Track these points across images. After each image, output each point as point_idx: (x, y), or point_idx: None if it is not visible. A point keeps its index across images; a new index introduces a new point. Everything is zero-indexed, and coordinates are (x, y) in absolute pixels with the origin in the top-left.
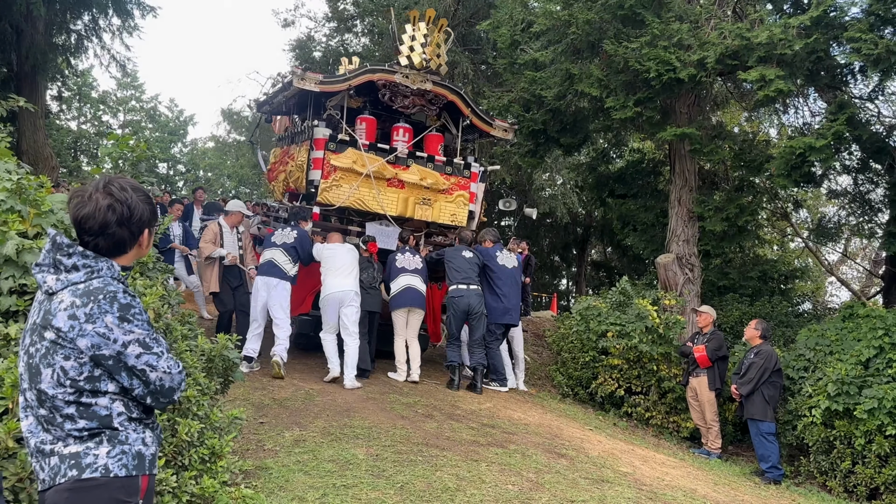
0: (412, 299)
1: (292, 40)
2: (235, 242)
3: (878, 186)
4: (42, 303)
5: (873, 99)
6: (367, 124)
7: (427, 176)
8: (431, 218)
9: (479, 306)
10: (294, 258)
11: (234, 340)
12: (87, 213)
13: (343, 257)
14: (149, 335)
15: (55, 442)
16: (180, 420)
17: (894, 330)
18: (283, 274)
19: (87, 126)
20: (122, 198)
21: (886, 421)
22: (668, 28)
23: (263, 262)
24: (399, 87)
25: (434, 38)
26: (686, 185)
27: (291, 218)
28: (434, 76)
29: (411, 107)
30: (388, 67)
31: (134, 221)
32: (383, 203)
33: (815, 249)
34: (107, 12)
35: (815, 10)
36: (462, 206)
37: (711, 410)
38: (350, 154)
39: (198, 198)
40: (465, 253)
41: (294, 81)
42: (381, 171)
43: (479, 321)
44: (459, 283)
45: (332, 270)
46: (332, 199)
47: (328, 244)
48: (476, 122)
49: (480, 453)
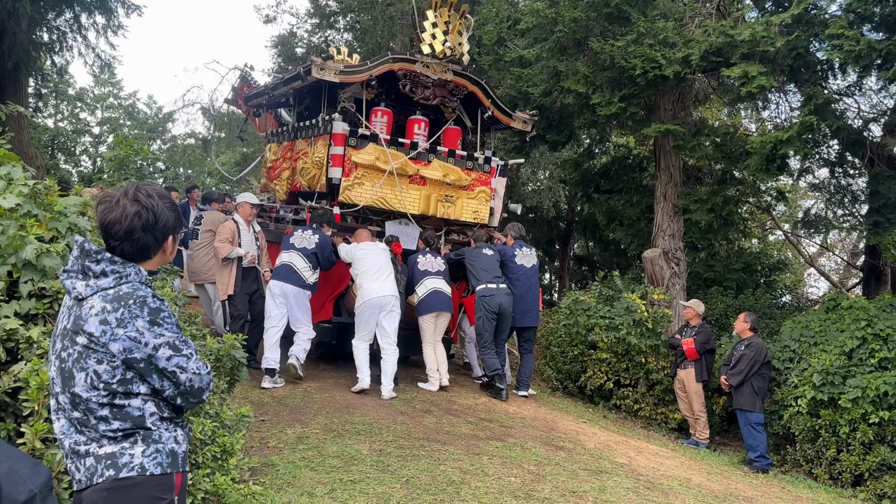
0: (440, 303)
1: (274, 36)
2: (253, 241)
3: (856, 178)
4: (71, 308)
5: (851, 94)
6: (387, 117)
7: (449, 172)
8: (454, 216)
9: (509, 307)
10: (314, 265)
11: (240, 339)
12: (113, 218)
13: (378, 258)
14: (178, 338)
15: (90, 443)
16: (194, 419)
17: (876, 321)
18: (303, 282)
19: (65, 123)
20: (148, 204)
21: (870, 409)
22: (654, 26)
23: (280, 266)
24: (420, 78)
25: (456, 25)
26: (671, 180)
27: (314, 220)
28: (455, 65)
29: (432, 98)
30: (410, 56)
31: (159, 228)
32: (405, 201)
33: (795, 242)
34: (90, 10)
35: (797, 7)
36: (484, 202)
37: (699, 402)
38: (372, 150)
39: (193, 198)
40: (486, 251)
41: (313, 71)
42: (404, 168)
43: (506, 322)
44: (489, 283)
45: (369, 273)
46: (355, 199)
47: (360, 244)
48: (496, 115)
49: (481, 447)
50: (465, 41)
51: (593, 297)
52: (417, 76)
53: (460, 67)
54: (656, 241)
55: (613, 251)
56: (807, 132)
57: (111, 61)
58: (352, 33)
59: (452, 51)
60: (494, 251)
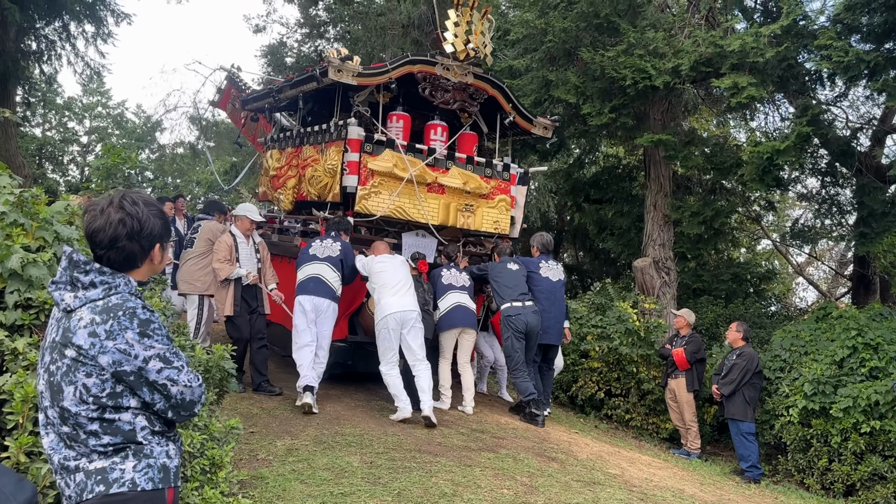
0: (463, 318)
1: (264, 46)
2: (252, 255)
3: (844, 188)
4: (60, 320)
5: (839, 104)
6: (403, 122)
7: (469, 180)
8: (474, 226)
9: (537, 325)
10: (341, 274)
11: (229, 350)
12: (98, 226)
13: (397, 271)
14: (169, 350)
15: (79, 458)
16: (182, 432)
17: (867, 330)
18: (333, 294)
19: (53, 133)
20: (132, 212)
21: (861, 419)
22: (644, 36)
23: (307, 279)
24: (439, 81)
25: (479, 26)
26: (661, 190)
27: (332, 228)
28: (476, 68)
29: (451, 102)
30: (430, 58)
31: (144, 235)
32: (424, 211)
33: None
34: (80, 19)
35: (786, 19)
36: (504, 211)
37: (690, 411)
38: (388, 156)
39: (178, 207)
40: (511, 265)
41: (330, 73)
42: (422, 176)
43: (534, 341)
44: (514, 301)
45: (387, 287)
46: (372, 208)
47: (377, 257)
48: (517, 120)
49: (473, 458)
50: (488, 42)
51: (585, 305)
52: (437, 79)
53: (481, 70)
54: (646, 250)
55: (603, 260)
56: (802, 143)
57: (100, 70)
58: (342, 43)
59: (476, 52)
60: (520, 265)
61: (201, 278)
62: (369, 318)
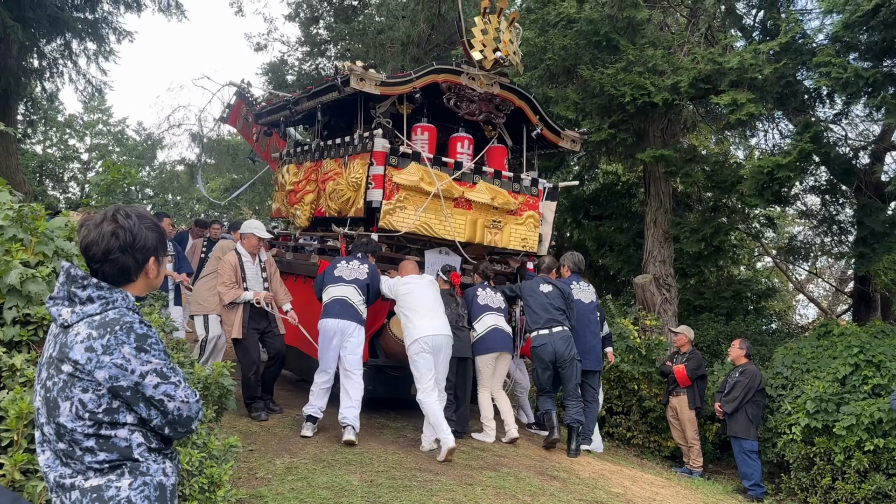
0: (501, 342)
1: (265, 64)
2: (259, 274)
3: (845, 207)
4: (57, 336)
5: (839, 122)
6: (428, 134)
7: (497, 195)
8: (502, 243)
9: (567, 352)
10: (367, 298)
11: (228, 367)
12: (91, 239)
13: (426, 293)
14: (166, 365)
15: (75, 476)
16: (181, 449)
17: (869, 347)
18: (360, 317)
19: (53, 150)
20: (125, 224)
21: (864, 437)
22: (643, 54)
23: (332, 302)
24: (465, 91)
25: (507, 34)
26: (661, 206)
27: (358, 249)
28: (502, 78)
29: (477, 113)
30: (455, 67)
31: (137, 248)
32: (451, 227)
33: (784, 268)
34: (82, 37)
35: (784, 36)
36: (532, 228)
37: (692, 429)
38: (414, 169)
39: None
40: (544, 287)
41: (352, 81)
42: (449, 190)
43: (570, 368)
44: (540, 329)
45: (418, 310)
46: (397, 224)
47: (403, 278)
48: (544, 132)
49: (474, 477)
50: (517, 49)
51: None
52: (462, 89)
53: (508, 80)
54: (647, 267)
55: (603, 277)
56: (804, 159)
57: (102, 87)
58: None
59: (505, 60)
60: (553, 287)
61: (209, 298)
62: (391, 341)
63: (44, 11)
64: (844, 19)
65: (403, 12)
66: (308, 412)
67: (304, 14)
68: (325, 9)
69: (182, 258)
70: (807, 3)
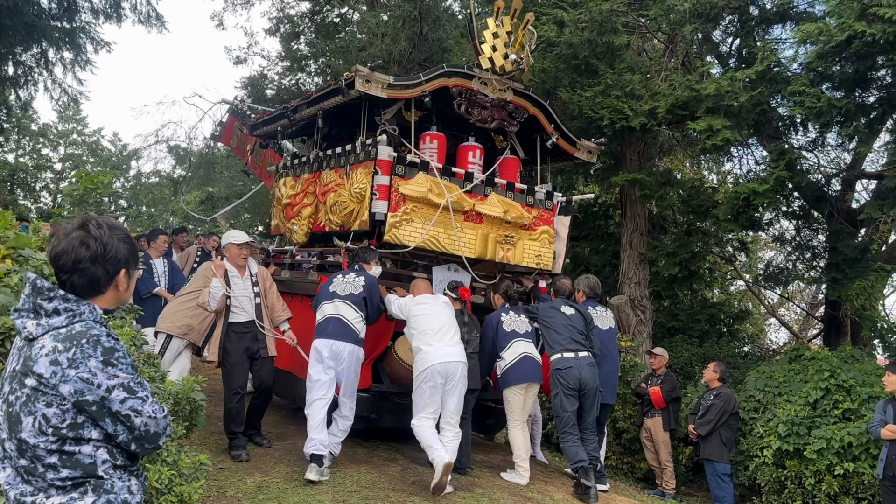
0: (532, 371)
1: (244, 77)
2: (250, 289)
3: (818, 233)
4: (21, 349)
5: (812, 150)
6: (438, 143)
7: (509, 208)
8: (514, 260)
9: (593, 380)
10: (365, 314)
11: (199, 381)
12: (61, 249)
13: (440, 314)
14: (133, 379)
15: (36, 493)
16: (150, 466)
17: (839, 372)
18: (356, 336)
19: (26, 159)
20: (96, 234)
21: (835, 461)
22: (621, 78)
23: (325, 321)
24: (477, 96)
25: (519, 37)
26: (637, 228)
27: (354, 261)
28: (516, 84)
29: (489, 120)
30: (467, 70)
31: (108, 259)
32: (460, 242)
33: (757, 292)
34: (58, 45)
35: (760, 64)
36: (547, 244)
37: (666, 451)
38: (422, 180)
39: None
40: (566, 309)
41: (357, 84)
42: (459, 203)
43: (592, 399)
44: (565, 351)
45: (429, 333)
46: (403, 238)
47: (416, 297)
48: (560, 142)
49: (448, 498)
50: (528, 55)
51: None
52: (474, 94)
53: (521, 86)
54: (622, 288)
55: None
56: (779, 187)
57: (77, 97)
58: (322, 77)
59: (519, 64)
60: (575, 310)
61: (181, 319)
62: (396, 365)
63: (20, 19)
64: (818, 50)
65: (385, 30)
66: (311, 450)
67: (284, 29)
68: (306, 25)
69: (177, 274)
70: (782, 33)
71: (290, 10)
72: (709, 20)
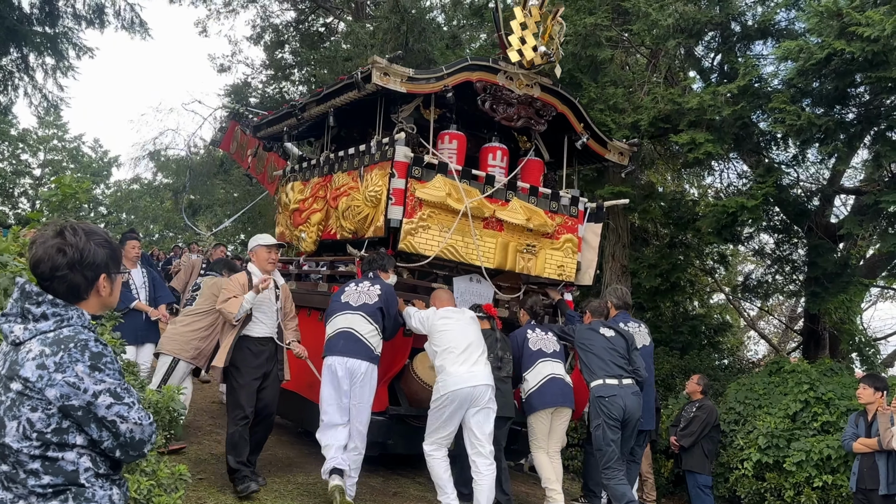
0: (561, 394)
1: (228, 85)
2: (273, 302)
3: (798, 247)
4: (7, 354)
5: (792, 165)
6: (457, 143)
7: (533, 215)
8: (535, 271)
9: (637, 411)
10: (380, 327)
11: (179, 390)
12: (39, 256)
13: (466, 331)
14: (120, 385)
15: (16, 500)
16: (129, 476)
17: (818, 384)
18: (370, 353)
19: (4, 164)
20: (72, 241)
21: (814, 473)
22: (604, 92)
23: (336, 335)
24: (502, 92)
25: (548, 28)
26: (619, 240)
27: (367, 268)
28: (544, 79)
29: (516, 118)
30: (492, 63)
31: (86, 264)
32: (479, 251)
33: (737, 305)
34: (40, 51)
35: (742, 79)
36: (570, 254)
37: (647, 462)
38: (440, 183)
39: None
40: (604, 331)
41: (374, 77)
42: (479, 208)
43: (632, 429)
44: (607, 378)
45: (455, 353)
46: (419, 246)
47: (440, 310)
48: (590, 143)
49: None
50: (558, 48)
51: None
52: (500, 90)
53: (550, 82)
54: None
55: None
56: (765, 203)
57: (58, 103)
58: (306, 86)
59: (550, 57)
60: (616, 332)
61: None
62: (415, 385)
63: (1, 23)
64: (798, 66)
65: (371, 41)
66: (333, 465)
67: (269, 38)
68: (290, 34)
69: (159, 285)
70: (763, 49)
71: (274, 19)
72: (691, 35)
